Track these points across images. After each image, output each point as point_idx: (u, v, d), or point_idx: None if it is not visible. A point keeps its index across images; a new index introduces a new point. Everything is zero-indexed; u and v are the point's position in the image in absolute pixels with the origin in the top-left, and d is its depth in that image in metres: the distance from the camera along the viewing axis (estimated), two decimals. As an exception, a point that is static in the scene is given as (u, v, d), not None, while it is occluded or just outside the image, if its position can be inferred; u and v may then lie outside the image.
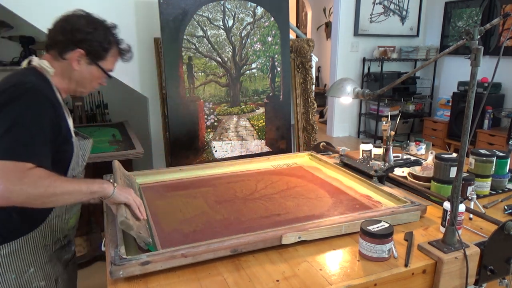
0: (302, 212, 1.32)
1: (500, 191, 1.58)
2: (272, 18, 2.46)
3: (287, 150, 2.60)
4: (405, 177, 1.66)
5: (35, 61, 1.19)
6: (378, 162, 1.65)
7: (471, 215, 1.31)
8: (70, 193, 1.06)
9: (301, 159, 1.96)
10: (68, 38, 1.18)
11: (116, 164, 1.49)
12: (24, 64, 1.20)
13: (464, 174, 1.39)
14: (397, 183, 1.58)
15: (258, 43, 2.45)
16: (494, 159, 1.53)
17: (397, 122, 2.37)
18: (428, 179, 1.55)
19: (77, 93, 1.29)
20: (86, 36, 1.19)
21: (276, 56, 2.49)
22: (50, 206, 1.14)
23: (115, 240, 1.08)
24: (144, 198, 1.43)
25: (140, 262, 0.96)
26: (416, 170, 1.66)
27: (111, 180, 1.25)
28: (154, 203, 1.41)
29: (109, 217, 1.27)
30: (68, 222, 1.27)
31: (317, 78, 7.57)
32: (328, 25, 7.26)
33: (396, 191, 1.43)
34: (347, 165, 1.71)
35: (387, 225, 1.06)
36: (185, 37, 2.27)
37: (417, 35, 5.43)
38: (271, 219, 1.27)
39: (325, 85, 7.54)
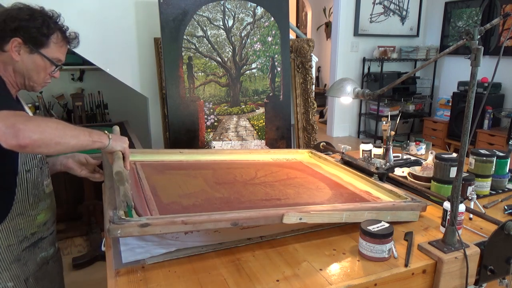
0: (303, 199, 1.30)
1: (500, 191, 1.58)
2: (272, 18, 2.46)
3: (287, 150, 2.59)
4: (405, 177, 1.66)
5: None
6: (380, 160, 1.65)
7: (471, 215, 1.31)
8: (77, 136, 1.05)
9: (301, 155, 1.95)
10: (2, 29, 1.13)
11: (117, 129, 1.49)
12: None
13: (464, 174, 1.39)
14: (397, 183, 1.58)
15: (258, 43, 2.45)
16: (494, 159, 1.53)
17: (397, 122, 2.37)
18: (428, 179, 1.55)
19: (28, 88, 1.23)
20: (20, 23, 1.13)
21: (276, 56, 2.49)
22: (62, 148, 1.04)
23: (113, 203, 1.05)
24: (143, 172, 1.41)
25: (140, 223, 0.93)
26: (416, 170, 1.66)
27: (106, 132, 1.20)
28: (152, 177, 1.38)
29: (107, 183, 1.25)
30: (35, 218, 1.23)
31: (317, 78, 7.57)
32: (328, 25, 7.26)
33: (396, 189, 1.43)
34: (348, 162, 1.71)
35: (387, 225, 1.06)
36: (185, 37, 2.27)
37: (417, 35, 5.43)
38: (272, 203, 1.25)
39: (325, 85, 7.54)
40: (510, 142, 3.87)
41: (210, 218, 1.00)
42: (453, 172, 1.40)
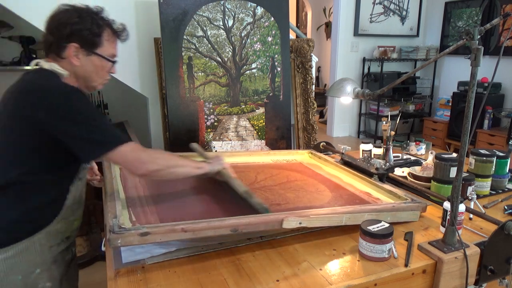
0: (302, 203, 1.31)
1: (500, 191, 1.58)
2: (272, 18, 2.46)
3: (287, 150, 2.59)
4: (405, 177, 1.66)
5: (46, 65, 1.16)
6: (380, 160, 1.65)
7: (471, 215, 1.31)
8: (184, 165, 1.21)
9: (301, 156, 1.95)
10: (57, 37, 1.15)
11: (195, 145, 1.70)
12: (32, 65, 1.19)
13: (464, 174, 1.39)
14: (397, 183, 1.58)
15: (258, 43, 2.45)
16: (494, 159, 1.53)
17: (397, 122, 2.37)
18: (428, 179, 1.55)
19: (89, 89, 1.25)
20: (72, 27, 1.14)
21: (276, 56, 2.49)
22: (173, 176, 1.22)
23: (114, 212, 1.06)
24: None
25: (140, 232, 0.94)
26: (416, 170, 1.66)
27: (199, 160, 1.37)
28: (152, 183, 1.41)
29: (107, 189, 1.27)
30: (73, 223, 1.28)
31: (317, 78, 7.57)
32: (328, 25, 7.26)
33: (396, 190, 1.43)
34: (348, 163, 1.71)
35: (387, 225, 1.06)
36: (185, 37, 2.27)
37: (417, 35, 5.43)
38: (272, 208, 1.25)
39: (325, 85, 7.54)
40: (510, 142, 3.86)
41: (210, 225, 1.01)
42: (453, 172, 1.40)
